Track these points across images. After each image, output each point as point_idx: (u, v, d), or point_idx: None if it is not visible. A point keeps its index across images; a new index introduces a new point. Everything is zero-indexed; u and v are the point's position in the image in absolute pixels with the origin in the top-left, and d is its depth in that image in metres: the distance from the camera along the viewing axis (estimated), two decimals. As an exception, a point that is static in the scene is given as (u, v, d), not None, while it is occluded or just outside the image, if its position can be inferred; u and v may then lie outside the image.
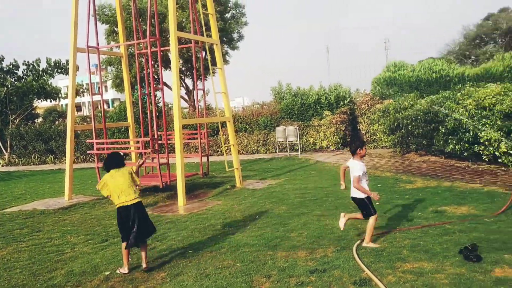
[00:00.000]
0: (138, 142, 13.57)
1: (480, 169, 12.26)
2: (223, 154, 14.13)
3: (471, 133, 12.63)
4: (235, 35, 28.99)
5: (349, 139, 21.72)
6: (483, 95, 13.07)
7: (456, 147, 13.47)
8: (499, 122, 11.79)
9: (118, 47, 21.35)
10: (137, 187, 6.31)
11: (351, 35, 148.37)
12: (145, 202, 10.98)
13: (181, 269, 5.90)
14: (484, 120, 12.24)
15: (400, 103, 17.26)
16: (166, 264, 6.13)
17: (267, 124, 23.45)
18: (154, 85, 17.10)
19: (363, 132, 21.88)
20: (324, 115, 22.31)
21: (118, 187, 6.05)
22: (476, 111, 12.86)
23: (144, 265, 5.99)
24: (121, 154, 6.71)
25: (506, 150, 11.45)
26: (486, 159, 12.42)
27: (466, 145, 12.92)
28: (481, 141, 12.23)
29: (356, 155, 6.53)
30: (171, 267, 6.01)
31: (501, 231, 6.53)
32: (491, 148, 12.00)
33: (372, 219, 6.33)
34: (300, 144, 21.25)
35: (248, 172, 15.33)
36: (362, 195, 6.41)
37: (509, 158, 11.52)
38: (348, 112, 22.38)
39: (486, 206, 8.13)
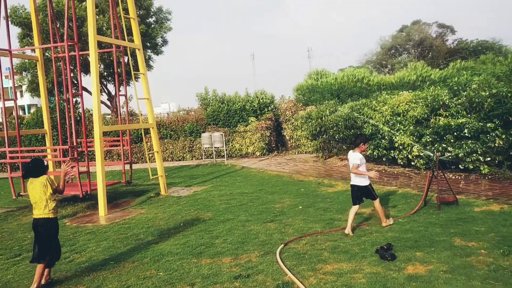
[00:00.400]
0: (56, 150, 12.94)
1: (395, 172, 12.97)
2: (147, 162, 13.84)
3: (387, 138, 13.32)
4: (158, 40, 28.57)
5: (274, 144, 22.12)
6: (397, 102, 13.85)
7: (374, 152, 14.15)
8: (411, 128, 12.54)
9: (33, 50, 20.34)
10: (55, 199, 5.80)
11: (276, 44, 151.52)
12: (64, 212, 10.49)
13: (101, 281, 5.67)
14: (398, 125, 12.96)
15: (322, 110, 17.85)
16: (85, 277, 5.86)
17: (193, 130, 23.27)
18: (73, 91, 16.36)
19: (287, 137, 22.38)
20: (249, 121, 22.55)
21: (32, 198, 5.71)
22: (392, 117, 13.60)
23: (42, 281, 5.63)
24: (43, 161, 6.17)
25: (418, 154, 12.19)
26: (401, 163, 13.17)
27: (384, 151, 13.60)
28: (396, 145, 12.94)
29: (358, 147, 7.22)
30: (90, 280, 5.76)
31: (413, 231, 6.93)
32: (405, 152, 12.74)
33: (377, 202, 7.28)
34: (226, 150, 21.30)
35: (173, 179, 15.11)
36: (366, 183, 7.16)
37: (421, 161, 12.28)
38: (273, 119, 22.79)
39: (400, 207, 8.60)
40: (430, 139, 11.80)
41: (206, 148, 21.03)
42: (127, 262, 6.40)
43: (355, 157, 7.14)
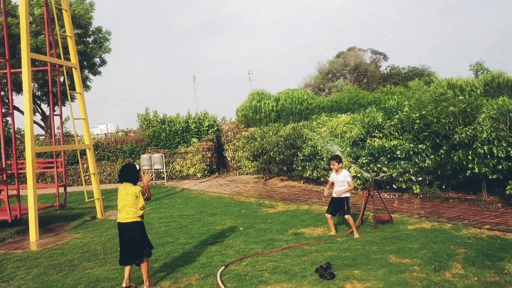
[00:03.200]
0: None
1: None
2: (82, 184, 13.32)
3: (325, 160, 13.66)
4: (97, 60, 27.88)
5: (215, 166, 22.05)
6: (335, 124, 14.30)
7: (313, 173, 14.46)
8: (348, 149, 12.96)
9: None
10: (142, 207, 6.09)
11: (217, 67, 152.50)
12: (-10, 239, 9.84)
13: (30, 311, 5.34)
14: (336, 146, 13.36)
15: (265, 131, 18.10)
16: (13, 308, 5.50)
17: (132, 151, 22.77)
18: (3, 110, 15.61)
19: (229, 159, 22.39)
20: (191, 142, 22.40)
21: (121, 202, 5.92)
22: (330, 139, 14.00)
23: (146, 285, 5.87)
24: (137, 168, 6.26)
25: (355, 174, 12.59)
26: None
27: (323, 171, 13.94)
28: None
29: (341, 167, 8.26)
30: (18, 310, 5.41)
31: (351, 249, 7.10)
32: (342, 173, 13.11)
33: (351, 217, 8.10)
34: (166, 172, 20.97)
35: (111, 202, 14.60)
36: (348, 194, 8.18)
37: (358, 181, 12.67)
38: (215, 140, 22.78)
39: (339, 226, 8.80)
40: (366, 160, 12.25)
41: (145, 170, 20.58)
42: (59, 289, 6.08)
43: (348, 175, 8.27)
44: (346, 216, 8.09)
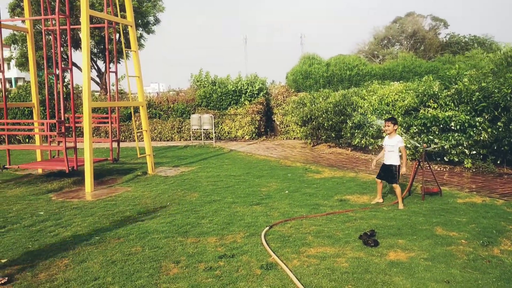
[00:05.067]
0: (43, 124, 12.82)
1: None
2: (135, 140, 13.78)
3: (375, 127, 13.42)
4: (151, 19, 28.22)
5: (263, 129, 22.17)
6: (386, 92, 13.93)
7: (362, 140, 14.26)
8: (400, 118, 12.64)
9: (23, 21, 19.96)
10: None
11: (268, 29, 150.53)
12: (50, 187, 10.46)
13: (86, 255, 5.69)
14: (386, 115, 13.06)
15: (315, 97, 17.90)
16: (70, 251, 5.88)
17: (183, 111, 23.19)
18: (63, 65, 16.17)
19: (277, 123, 22.41)
20: (242, 104, 22.51)
21: None
22: (380, 106, 13.68)
23: None
24: None
25: (405, 144, 12.29)
26: (388, 152, 13.29)
27: (371, 139, 13.72)
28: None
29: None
30: (75, 253, 5.78)
31: (396, 218, 7.05)
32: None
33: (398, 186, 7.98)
34: (215, 132, 21.29)
35: (161, 159, 15.09)
36: (398, 162, 8.01)
37: (408, 151, 12.40)
38: (264, 103, 22.78)
39: (384, 196, 8.71)
40: (417, 130, 11.92)
41: (195, 129, 20.98)
42: (112, 238, 6.42)
43: (400, 139, 8.08)
44: (394, 185, 7.99)
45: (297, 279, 4.69)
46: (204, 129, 20.57)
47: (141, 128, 12.73)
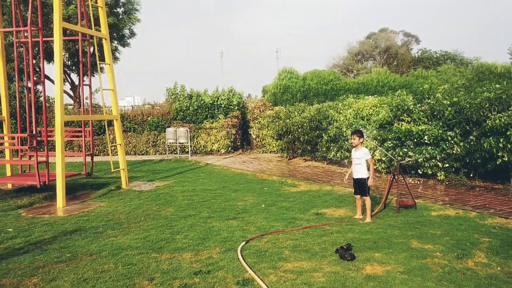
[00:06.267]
0: (14, 138, 12.50)
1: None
2: (109, 154, 13.55)
3: (349, 141, 13.52)
4: (126, 32, 28.06)
5: (239, 143, 22.13)
6: (361, 106, 14.10)
7: (337, 154, 14.36)
8: (374, 132, 12.79)
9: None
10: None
11: (245, 42, 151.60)
12: (20, 203, 10.16)
13: (56, 274, 5.50)
14: (362, 129, 13.20)
15: (291, 111, 17.98)
16: (40, 269, 5.68)
17: (158, 125, 22.99)
18: (35, 78, 15.87)
19: (253, 136, 22.42)
20: (218, 118, 22.46)
21: None
22: (355, 120, 13.83)
23: None
24: None
25: (380, 158, 12.44)
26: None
27: (346, 153, 13.83)
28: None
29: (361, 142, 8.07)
30: (45, 272, 5.58)
31: (372, 232, 7.07)
32: (367, 155, 12.98)
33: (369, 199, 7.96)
34: (190, 146, 21.15)
35: (136, 173, 14.87)
36: (366, 175, 7.96)
37: (382, 165, 12.54)
38: (240, 117, 22.79)
39: (361, 209, 8.73)
40: (392, 144, 12.07)
41: (170, 143, 20.82)
42: (84, 255, 6.24)
43: (367, 151, 8.03)
44: (364, 197, 8.02)
45: (274, 295, 4.63)
46: (179, 143, 20.42)
47: (115, 142, 12.52)
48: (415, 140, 11.59)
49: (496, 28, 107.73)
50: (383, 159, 12.38)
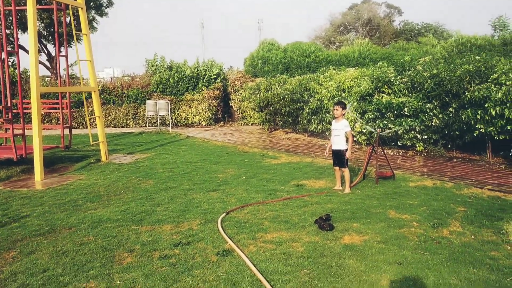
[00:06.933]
0: (-12, 110, 12.21)
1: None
2: (87, 127, 13.35)
3: (331, 113, 13.56)
4: (104, 0, 27.31)
5: (220, 115, 22.03)
6: (343, 78, 14.09)
7: (318, 126, 14.41)
8: (355, 104, 12.82)
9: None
10: None
11: (227, 12, 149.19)
12: (-4, 176, 10.00)
13: (35, 247, 5.46)
14: (346, 102, 13.22)
15: (272, 83, 17.88)
16: (18, 242, 5.62)
17: (138, 97, 22.69)
18: (9, 49, 15.43)
19: (235, 109, 22.31)
20: (199, 90, 22.24)
21: None
22: (337, 93, 13.84)
23: None
24: None
25: (360, 130, 12.52)
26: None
27: (328, 125, 13.87)
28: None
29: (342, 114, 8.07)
30: (23, 245, 5.53)
31: (351, 202, 7.16)
32: (348, 127, 13.06)
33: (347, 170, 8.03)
34: (171, 118, 20.97)
35: (115, 146, 14.72)
36: (345, 146, 7.99)
37: (363, 136, 12.63)
38: (221, 89, 22.60)
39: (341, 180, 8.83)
40: (372, 115, 12.14)
41: (150, 115, 20.61)
42: (63, 228, 6.20)
43: (347, 123, 8.02)
44: (343, 169, 8.08)
45: (253, 265, 4.67)
46: (160, 115, 20.23)
47: (94, 114, 12.32)
48: (395, 112, 11.67)
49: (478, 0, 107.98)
50: (363, 131, 12.47)
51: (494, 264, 4.63)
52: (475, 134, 10.15)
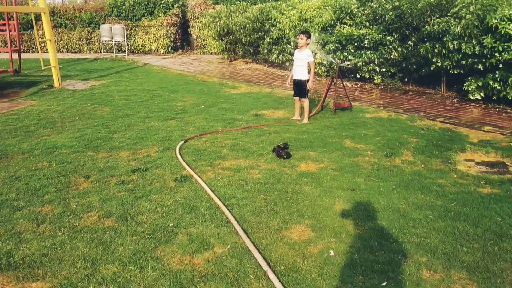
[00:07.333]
0: None
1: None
2: (38, 51, 12.66)
3: (292, 44, 13.41)
4: None
5: (179, 43, 21.38)
6: (305, 8, 13.80)
7: (279, 57, 14.26)
8: (316, 35, 12.68)
9: None
10: None
11: None
12: None
13: (-15, 172, 5.31)
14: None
15: (232, 10, 17.31)
16: (-33, 168, 5.45)
17: (92, 21, 21.57)
18: None
19: (194, 37, 21.67)
20: (157, 15, 21.32)
21: None
22: (299, 23, 13.60)
23: None
24: None
25: (320, 61, 12.49)
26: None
27: (289, 55, 13.74)
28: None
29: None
30: (-27, 171, 5.37)
31: (309, 132, 7.27)
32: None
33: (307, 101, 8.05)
34: (128, 45, 20.19)
35: (69, 72, 14.14)
36: (307, 77, 7.95)
37: (322, 68, 12.64)
38: (180, 15, 21.76)
39: (299, 110, 8.90)
40: (333, 47, 12.08)
41: (105, 41, 19.75)
42: (15, 153, 6.02)
43: (310, 53, 7.90)
44: (303, 99, 8.12)
45: (211, 190, 4.74)
46: (115, 41, 19.40)
47: (45, 38, 11.67)
48: (356, 44, 11.65)
49: None
50: (324, 62, 12.45)
51: (441, 190, 4.88)
52: (431, 68, 10.33)
